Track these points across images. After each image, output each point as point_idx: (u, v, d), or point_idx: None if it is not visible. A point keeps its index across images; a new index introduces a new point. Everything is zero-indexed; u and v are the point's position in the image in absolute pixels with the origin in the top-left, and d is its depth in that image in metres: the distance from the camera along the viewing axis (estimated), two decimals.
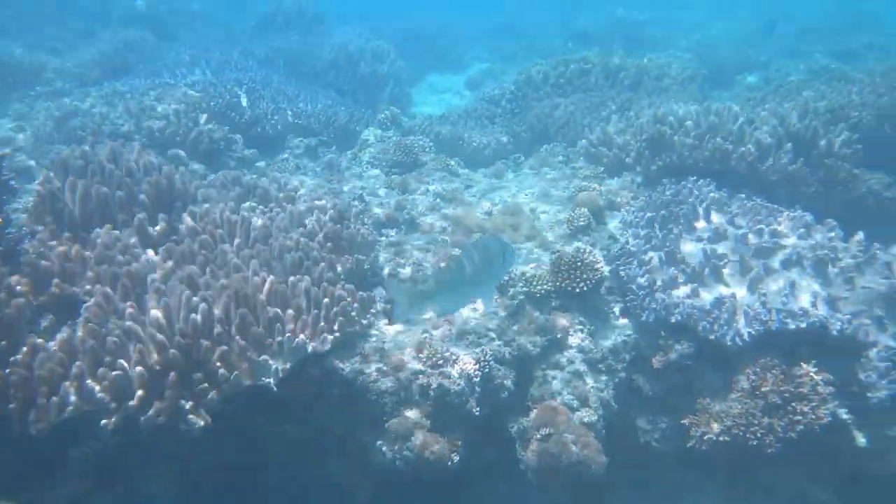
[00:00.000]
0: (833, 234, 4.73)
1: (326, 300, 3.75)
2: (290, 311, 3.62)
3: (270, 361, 3.46)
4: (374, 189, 5.64)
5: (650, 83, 9.21)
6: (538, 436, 3.73)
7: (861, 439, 3.81)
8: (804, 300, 4.13)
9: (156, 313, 3.33)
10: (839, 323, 3.85)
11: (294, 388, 3.58)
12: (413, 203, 5.42)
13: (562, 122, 7.90)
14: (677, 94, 8.92)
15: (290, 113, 6.88)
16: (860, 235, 4.66)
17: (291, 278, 3.84)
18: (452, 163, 6.64)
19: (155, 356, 3.22)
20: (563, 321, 4.25)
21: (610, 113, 7.52)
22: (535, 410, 3.88)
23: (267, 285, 3.74)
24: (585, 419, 3.84)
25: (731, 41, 16.30)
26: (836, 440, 3.77)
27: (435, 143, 7.05)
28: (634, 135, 6.24)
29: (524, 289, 4.34)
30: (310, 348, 3.57)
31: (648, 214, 5.04)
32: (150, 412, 3.10)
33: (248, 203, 4.76)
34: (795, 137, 5.91)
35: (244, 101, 6.72)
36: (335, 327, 3.73)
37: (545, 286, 4.34)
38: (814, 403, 3.58)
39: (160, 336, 3.23)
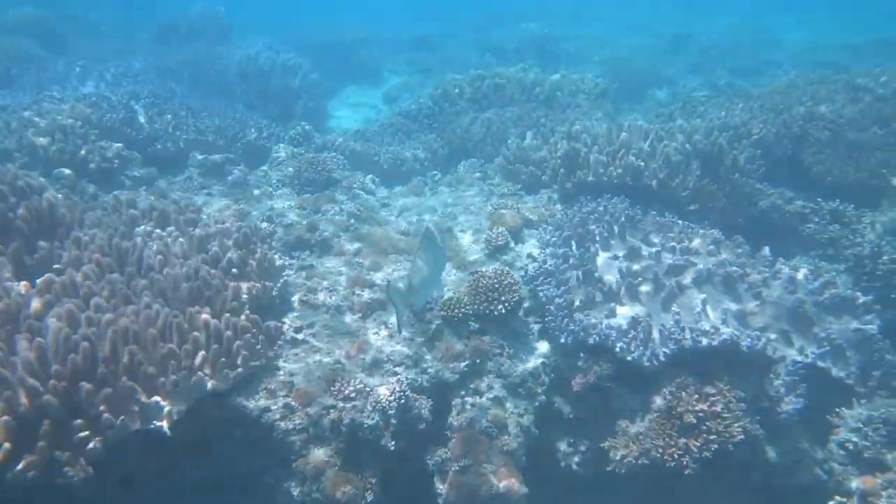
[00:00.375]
0: (741, 251, 4.89)
1: (229, 333, 3.51)
2: (186, 347, 3.36)
3: (163, 403, 3.18)
4: (285, 209, 5.39)
5: (564, 98, 9.38)
6: (456, 468, 3.61)
7: (772, 453, 3.90)
8: (716, 317, 4.22)
9: (28, 354, 2.99)
10: (749, 339, 3.94)
11: (192, 429, 3.31)
12: (326, 223, 5.22)
13: (479, 137, 7.90)
14: (591, 110, 9.14)
15: (193, 128, 6.52)
16: (766, 251, 4.84)
17: (190, 310, 3.58)
18: (368, 180, 6.48)
19: (25, 403, 2.89)
20: (482, 345, 4.15)
21: (525, 129, 7.57)
22: (453, 440, 3.76)
23: (161, 318, 3.46)
24: (505, 447, 3.75)
25: (640, 57, 16.96)
26: (749, 455, 3.84)
27: (350, 159, 6.87)
28: (550, 152, 6.29)
29: (442, 313, 4.22)
30: (209, 386, 3.32)
31: (565, 233, 5.05)
32: (19, 467, 2.77)
33: (143, 227, 4.43)
34: (702, 154, 6.11)
35: (142, 116, 6.32)
36: (238, 362, 3.50)
37: (464, 309, 4.24)
38: (727, 421, 3.63)
39: (31, 381, 2.90)
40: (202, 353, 3.35)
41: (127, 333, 3.26)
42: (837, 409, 4.05)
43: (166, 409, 3.16)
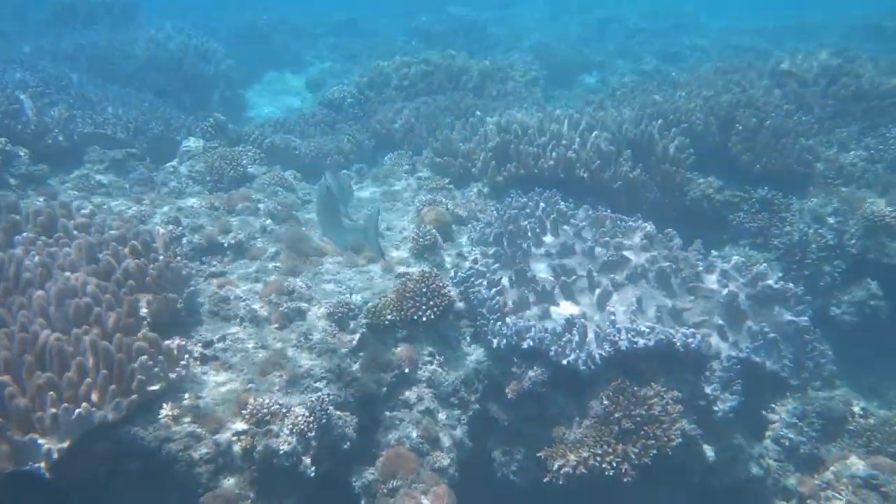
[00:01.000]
0: (674, 244, 4.83)
1: (121, 355, 3.14)
2: (69, 375, 2.97)
3: (41, 441, 2.80)
4: (195, 210, 4.98)
5: (494, 86, 9.22)
6: (384, 490, 3.37)
7: (709, 453, 3.84)
8: (651, 315, 4.13)
9: None
10: (683, 337, 3.86)
11: (79, 468, 2.94)
12: (241, 224, 4.85)
13: (406, 127, 7.63)
14: (521, 97, 9.01)
15: (90, 121, 5.96)
16: (698, 244, 4.79)
17: (76, 330, 3.18)
18: (288, 175, 6.11)
19: None
20: (410, 354, 3.92)
21: (454, 119, 7.35)
22: (381, 459, 3.51)
23: (40, 342, 3.05)
24: (437, 464, 3.54)
25: (568, 41, 17.02)
26: (687, 456, 3.78)
27: (268, 153, 6.47)
28: (479, 144, 6.09)
29: (366, 321, 3.96)
30: (96, 419, 2.95)
31: (496, 230, 4.87)
32: None
33: (25, 234, 3.95)
34: (633, 143, 6.06)
35: (28, 108, 5.71)
36: (133, 387, 3.13)
37: (389, 316, 3.99)
38: (665, 425, 3.54)
39: None
40: (88, 380, 2.97)
41: None
42: (773, 405, 4.03)
43: (44, 447, 2.78)
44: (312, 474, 3.22)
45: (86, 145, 5.81)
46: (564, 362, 3.77)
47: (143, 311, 3.57)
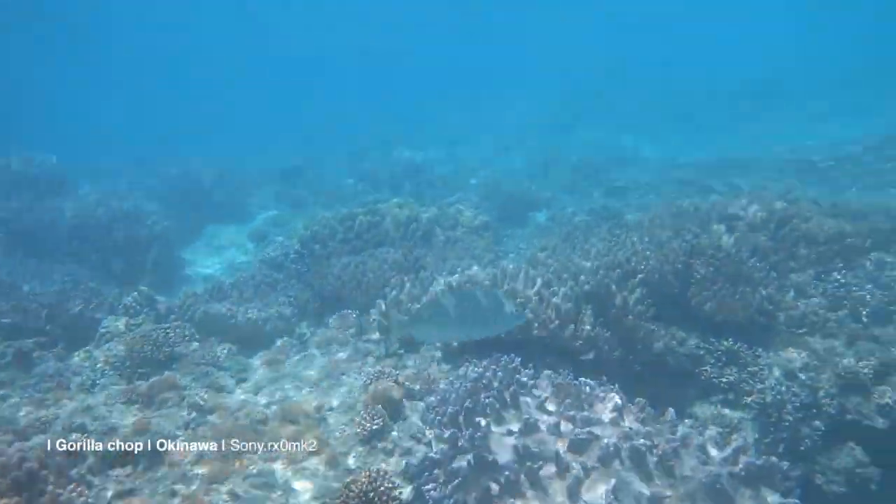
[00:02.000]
0: (644, 415, 4.53)
1: None
2: None
3: None
4: (108, 407, 4.49)
5: (444, 233, 9.19)
6: None
7: None
8: None
9: None
10: None
11: None
12: (160, 421, 4.37)
13: (352, 285, 7.38)
14: (472, 244, 8.97)
15: None
16: (671, 413, 4.50)
17: None
18: (221, 351, 5.71)
19: None
20: None
21: (404, 273, 7.17)
22: None
23: None
24: None
25: (515, 178, 17.57)
26: None
27: (200, 326, 6.09)
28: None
29: None
30: None
31: (451, 409, 4.51)
32: None
33: None
34: (592, 296, 5.92)
35: None
36: None
37: None
38: None
39: None
40: None
41: None
42: None
43: None
44: None
45: None
46: None
47: None
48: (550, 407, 4.63)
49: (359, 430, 4.52)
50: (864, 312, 5.71)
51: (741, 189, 13.72)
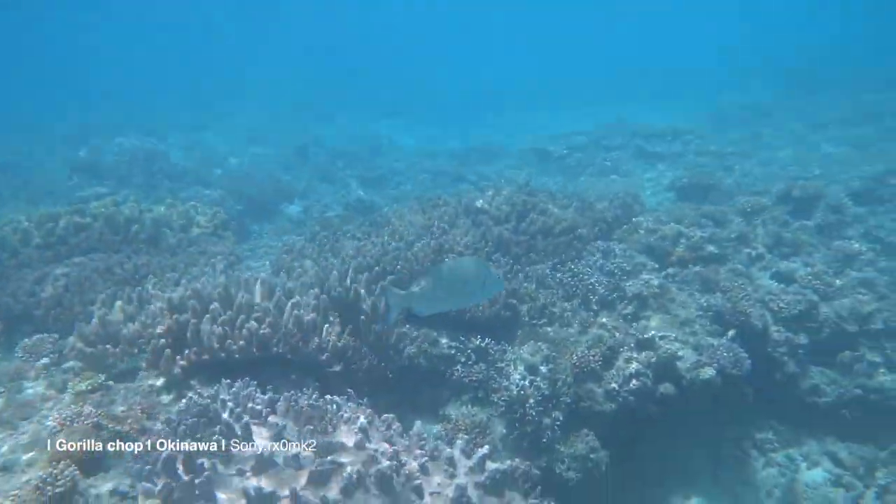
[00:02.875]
0: (392, 433, 4.30)
1: None
2: None
3: None
4: None
5: (176, 236, 8.21)
6: None
7: None
8: None
9: None
10: None
11: None
12: None
13: (52, 302, 6.19)
14: (210, 247, 8.13)
15: None
16: (418, 426, 4.33)
17: None
18: None
19: None
20: None
21: (118, 286, 6.18)
22: None
23: None
24: None
25: (267, 167, 16.73)
26: None
27: None
28: (146, 326, 5.05)
29: None
30: None
31: (165, 454, 3.83)
32: None
33: None
34: (340, 302, 5.59)
35: None
36: None
37: None
38: None
39: None
40: None
41: None
42: None
43: None
44: None
45: None
46: None
47: None
48: (290, 434, 4.19)
49: (36, 497, 3.65)
50: (594, 300, 6.12)
51: (489, 178, 14.50)
